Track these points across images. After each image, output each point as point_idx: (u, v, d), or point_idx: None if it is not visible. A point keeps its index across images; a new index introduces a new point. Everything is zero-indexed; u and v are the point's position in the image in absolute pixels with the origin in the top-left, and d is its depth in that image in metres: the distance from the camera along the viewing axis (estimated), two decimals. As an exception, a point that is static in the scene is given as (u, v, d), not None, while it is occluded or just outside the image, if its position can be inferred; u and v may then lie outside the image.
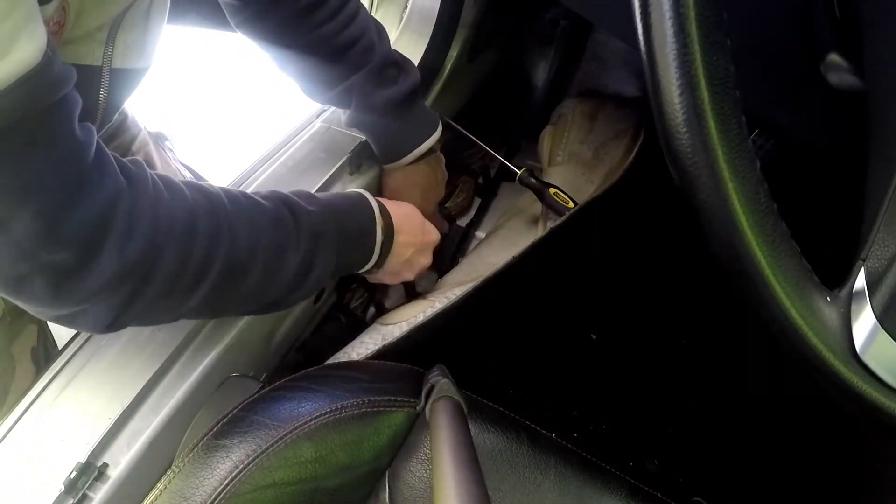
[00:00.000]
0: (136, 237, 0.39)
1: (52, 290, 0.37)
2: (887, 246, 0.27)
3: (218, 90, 1.55)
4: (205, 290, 0.44)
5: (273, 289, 0.49)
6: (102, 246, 0.38)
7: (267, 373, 0.62)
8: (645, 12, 0.27)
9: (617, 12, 0.57)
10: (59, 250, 0.36)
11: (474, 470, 0.35)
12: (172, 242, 0.41)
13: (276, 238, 0.48)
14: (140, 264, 0.40)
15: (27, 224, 0.35)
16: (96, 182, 0.38)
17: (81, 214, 0.36)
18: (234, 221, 0.45)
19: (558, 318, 0.90)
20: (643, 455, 0.80)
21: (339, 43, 0.62)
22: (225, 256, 0.44)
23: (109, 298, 0.40)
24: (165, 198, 0.42)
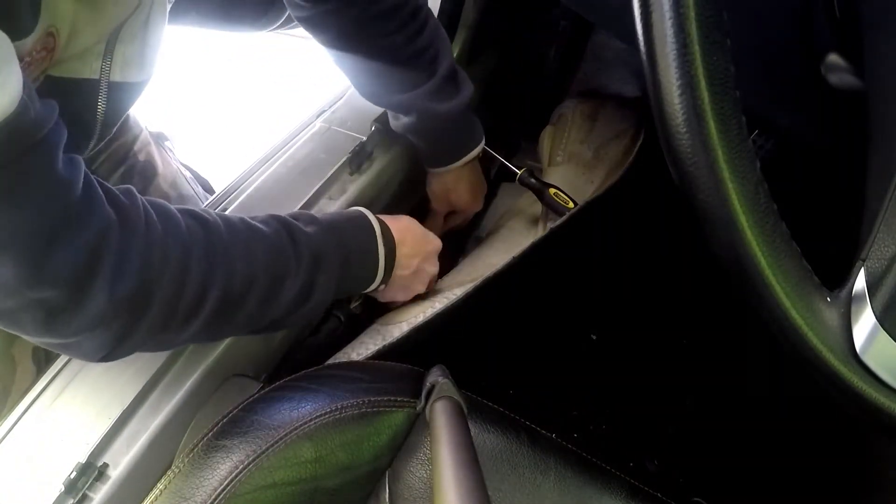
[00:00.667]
0: (127, 275, 0.38)
1: (42, 326, 0.37)
2: (887, 246, 0.27)
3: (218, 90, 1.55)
4: (200, 321, 0.43)
5: (271, 313, 0.48)
6: (91, 284, 0.37)
7: (267, 373, 0.62)
8: (645, 12, 0.27)
9: (617, 12, 0.57)
10: (45, 289, 0.36)
11: (474, 470, 0.35)
12: (165, 278, 0.40)
13: (274, 265, 0.47)
14: (131, 302, 0.39)
15: (10, 267, 0.34)
16: (83, 219, 0.37)
17: (67, 254, 0.36)
18: (231, 251, 0.45)
19: (558, 318, 0.90)
20: (643, 455, 0.80)
21: (408, 52, 0.63)
22: (221, 288, 0.43)
23: (101, 334, 0.39)
24: (158, 231, 0.41)
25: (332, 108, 0.78)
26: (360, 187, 0.69)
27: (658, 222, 0.91)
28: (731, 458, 0.79)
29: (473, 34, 0.84)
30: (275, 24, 0.89)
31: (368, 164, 0.71)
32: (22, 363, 0.61)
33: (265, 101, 1.48)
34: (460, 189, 0.77)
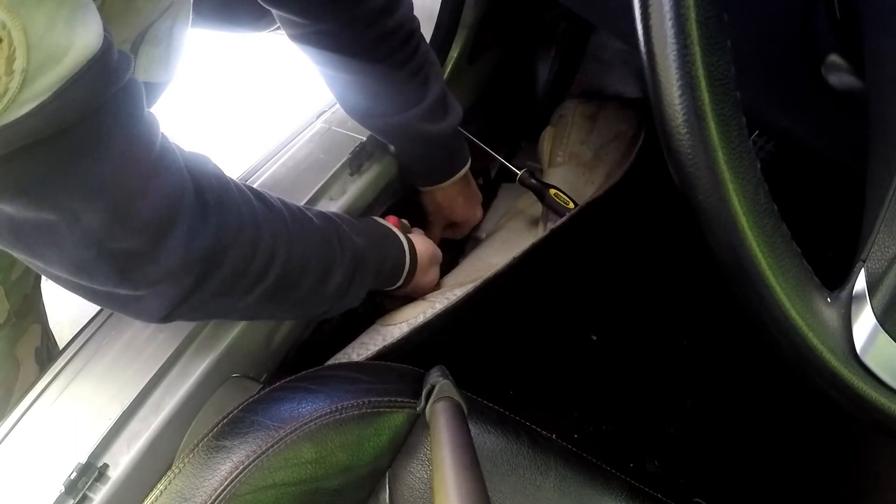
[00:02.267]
0: (204, 232, 0.40)
1: (117, 276, 0.38)
2: (888, 247, 0.27)
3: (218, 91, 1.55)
4: (258, 293, 0.45)
5: (314, 302, 0.51)
6: (170, 236, 0.38)
7: (267, 373, 0.62)
8: (645, 13, 0.27)
9: (617, 13, 0.57)
10: (127, 239, 0.36)
11: (475, 471, 0.35)
12: (239, 242, 0.42)
13: (325, 256, 0.50)
14: (205, 259, 0.40)
15: (99, 215, 0.35)
16: (164, 173, 0.38)
17: (150, 205, 0.36)
18: (292, 233, 0.47)
19: (558, 319, 0.90)
20: (644, 456, 0.80)
21: (400, 76, 0.63)
22: (282, 265, 0.45)
23: (171, 288, 0.40)
24: (234, 199, 0.43)
25: (333, 108, 0.78)
26: (360, 187, 0.69)
27: (658, 223, 0.91)
28: (731, 458, 0.79)
29: (474, 35, 0.84)
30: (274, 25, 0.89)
31: (368, 165, 0.71)
32: (25, 363, 0.61)
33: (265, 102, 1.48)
34: (455, 204, 0.78)
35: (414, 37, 0.63)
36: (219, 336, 0.54)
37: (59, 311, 0.68)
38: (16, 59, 0.27)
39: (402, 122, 0.66)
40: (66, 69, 0.30)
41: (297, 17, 0.59)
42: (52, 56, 0.29)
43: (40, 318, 0.65)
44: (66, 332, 0.66)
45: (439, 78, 0.68)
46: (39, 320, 0.64)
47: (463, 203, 0.79)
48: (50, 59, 0.29)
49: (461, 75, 0.87)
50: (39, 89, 0.29)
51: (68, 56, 0.30)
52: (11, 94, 0.28)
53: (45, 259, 0.37)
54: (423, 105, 0.65)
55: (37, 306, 0.64)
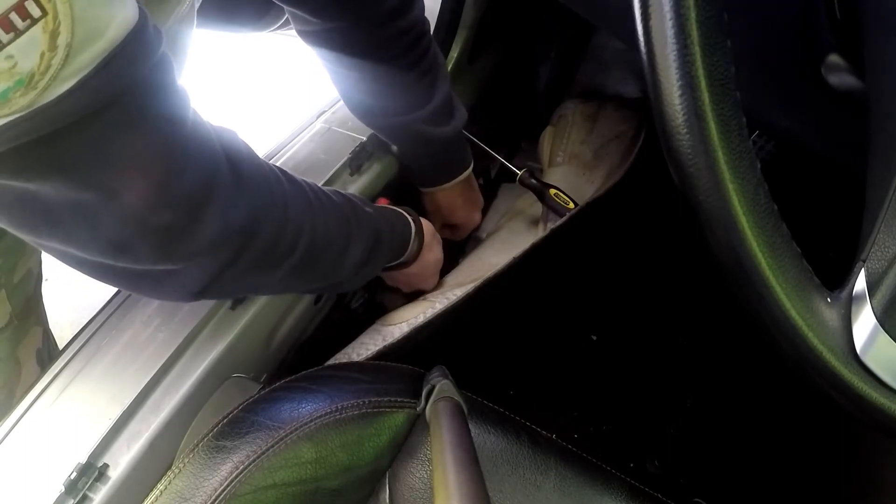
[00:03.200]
0: (239, 206, 0.40)
1: (156, 251, 0.38)
2: (888, 247, 0.27)
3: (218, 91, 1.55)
4: (287, 267, 0.46)
5: (337, 274, 0.52)
6: (207, 210, 0.38)
7: (267, 373, 0.62)
8: (645, 13, 0.27)
9: (617, 13, 0.57)
10: (166, 213, 0.36)
11: (475, 471, 0.35)
12: (270, 217, 0.43)
13: (345, 230, 0.52)
14: (241, 232, 0.41)
15: (137, 190, 0.34)
16: (199, 148, 0.38)
17: (187, 179, 0.36)
18: (315, 207, 0.49)
19: (558, 319, 0.90)
20: (644, 456, 0.80)
21: (409, 77, 0.63)
22: (308, 240, 0.46)
23: (209, 262, 0.40)
24: (264, 173, 0.44)
25: (333, 108, 0.78)
26: (360, 188, 0.69)
27: (658, 223, 0.91)
28: (731, 458, 0.79)
29: (473, 34, 0.84)
30: (275, 25, 0.89)
31: (369, 165, 0.71)
32: (27, 364, 0.61)
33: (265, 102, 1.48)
34: (455, 206, 0.78)
35: (425, 38, 0.63)
36: (219, 336, 0.54)
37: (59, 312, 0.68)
38: (60, 33, 0.27)
39: (405, 123, 0.66)
40: (108, 42, 0.29)
41: (311, 15, 0.58)
42: (95, 29, 0.28)
43: (41, 321, 0.65)
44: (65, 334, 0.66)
45: (446, 80, 0.68)
46: (40, 322, 0.64)
47: (462, 205, 0.79)
48: (93, 33, 0.28)
49: (461, 75, 0.87)
50: (81, 64, 0.28)
51: (110, 29, 0.29)
52: (54, 71, 0.27)
53: (80, 242, 0.37)
54: (428, 108, 0.65)
55: (38, 308, 0.64)
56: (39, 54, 0.26)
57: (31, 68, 0.27)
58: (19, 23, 0.25)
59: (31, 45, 0.26)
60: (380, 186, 0.73)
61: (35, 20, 0.26)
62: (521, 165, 0.81)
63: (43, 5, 0.26)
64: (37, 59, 0.26)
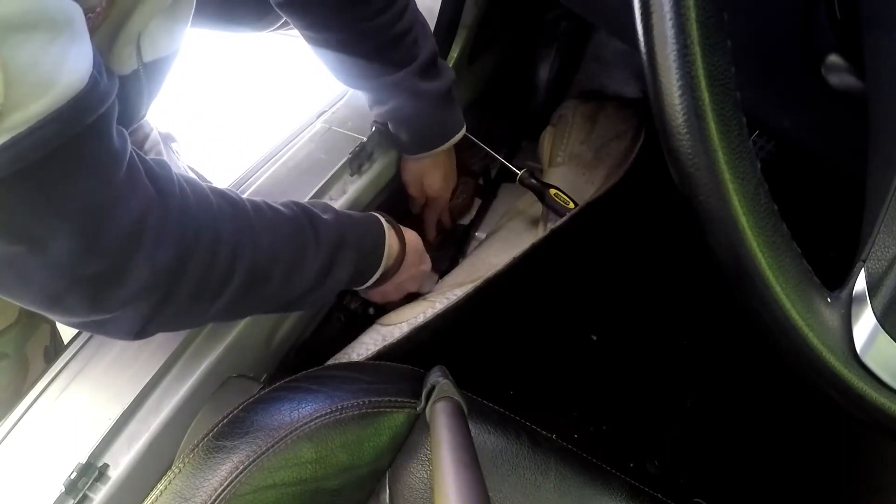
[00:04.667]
0: (166, 245, 0.39)
1: (87, 302, 0.38)
2: (888, 247, 0.27)
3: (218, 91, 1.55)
4: (229, 294, 0.45)
5: (292, 291, 0.51)
6: (135, 255, 0.38)
7: (267, 373, 0.62)
8: (645, 13, 0.27)
9: (617, 13, 0.57)
10: (95, 264, 0.36)
11: (475, 471, 0.35)
12: (199, 249, 0.42)
13: (296, 244, 0.50)
14: (170, 271, 0.40)
15: (66, 241, 0.34)
16: (129, 193, 0.37)
17: (116, 227, 0.36)
18: (257, 228, 0.47)
19: (558, 319, 0.90)
20: (644, 456, 0.80)
21: (392, 34, 0.63)
22: (248, 262, 0.45)
23: (140, 306, 0.40)
24: (192, 204, 0.42)
25: (333, 108, 0.78)
26: (360, 188, 0.69)
27: (658, 223, 0.91)
28: (731, 458, 0.79)
29: (473, 34, 0.84)
30: (275, 24, 0.89)
31: (369, 165, 0.71)
32: (34, 362, 0.61)
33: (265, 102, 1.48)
34: (435, 174, 0.77)
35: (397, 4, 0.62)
36: (219, 336, 0.54)
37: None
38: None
39: (397, 80, 0.65)
40: (44, 107, 0.29)
41: None
42: (31, 93, 0.29)
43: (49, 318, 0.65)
44: (66, 332, 0.66)
45: (430, 38, 0.68)
46: (49, 320, 0.64)
47: (442, 175, 0.78)
48: (28, 96, 0.29)
49: (461, 75, 0.87)
50: (14, 123, 0.29)
51: (50, 94, 0.29)
52: None
53: (16, 295, 0.37)
54: (417, 62, 0.65)
55: None
56: None
57: None
58: None
59: None
60: (380, 186, 0.73)
61: None
62: (521, 165, 0.81)
63: None
64: None
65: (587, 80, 1.06)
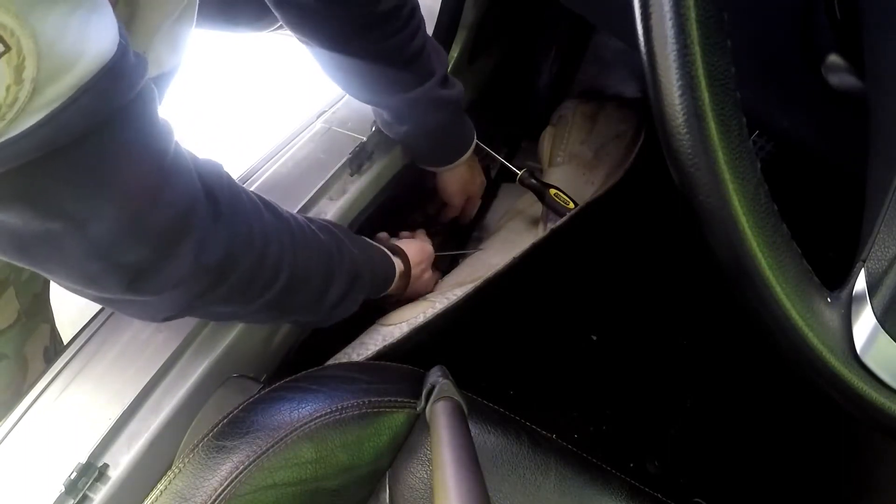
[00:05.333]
0: (216, 243, 0.40)
1: (124, 286, 0.38)
2: (888, 247, 0.27)
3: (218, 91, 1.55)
4: (262, 302, 0.46)
5: (312, 311, 0.52)
6: (180, 246, 0.38)
7: (267, 373, 0.62)
8: (645, 13, 0.27)
9: (617, 13, 0.57)
10: (135, 250, 0.36)
11: (475, 471, 0.35)
12: (249, 254, 0.42)
13: (326, 268, 0.51)
14: (215, 269, 0.40)
15: (107, 224, 0.34)
16: (176, 182, 0.37)
17: (162, 214, 0.36)
18: (298, 242, 0.48)
19: (559, 319, 0.90)
20: (644, 456, 0.80)
21: (412, 50, 0.63)
22: (287, 275, 0.46)
23: (180, 294, 0.40)
24: (245, 203, 0.43)
25: (333, 108, 0.78)
26: (360, 188, 0.69)
27: (658, 223, 0.91)
28: (731, 458, 0.79)
29: (473, 34, 0.84)
30: (275, 24, 0.89)
31: (369, 165, 0.71)
32: (34, 362, 0.61)
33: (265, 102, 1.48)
34: (475, 177, 0.81)
35: (417, 12, 0.63)
36: (219, 336, 0.54)
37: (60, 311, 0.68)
38: (25, 67, 0.27)
39: (421, 93, 0.66)
40: (76, 78, 0.29)
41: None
42: (62, 64, 0.28)
43: (49, 318, 0.65)
44: (66, 333, 0.66)
45: (442, 53, 0.69)
46: (48, 320, 0.64)
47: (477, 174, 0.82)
48: (60, 68, 0.28)
49: (461, 75, 0.86)
50: (50, 97, 0.28)
51: (80, 64, 0.29)
52: (21, 104, 0.27)
53: (51, 271, 0.37)
54: (437, 76, 0.67)
55: (46, 306, 0.64)
56: (5, 87, 0.27)
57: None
58: None
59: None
60: (380, 186, 0.73)
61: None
62: (521, 165, 0.81)
63: (6, 41, 0.26)
64: (3, 92, 0.27)
65: (587, 80, 1.06)
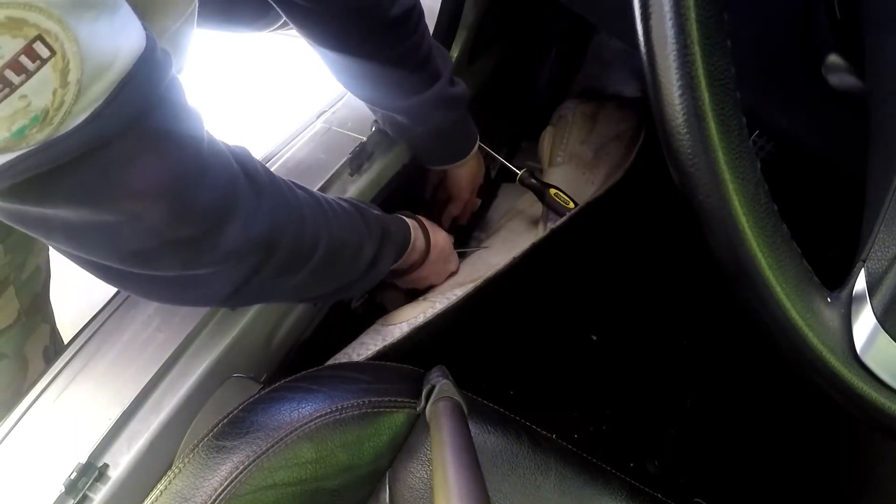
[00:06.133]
0: (262, 215, 0.42)
1: (178, 261, 0.39)
2: (888, 247, 0.27)
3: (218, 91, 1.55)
4: (307, 270, 0.48)
5: (350, 274, 0.55)
6: (229, 221, 0.39)
7: (267, 373, 0.62)
8: (645, 13, 0.27)
9: (617, 13, 0.57)
10: (188, 228, 0.37)
11: (475, 471, 0.35)
12: (291, 226, 0.45)
13: (357, 233, 0.54)
14: (264, 241, 0.43)
15: (159, 211, 0.35)
16: (216, 160, 0.39)
17: (207, 195, 0.38)
18: (328, 213, 0.51)
19: (559, 319, 0.90)
20: (644, 456, 0.80)
21: (421, 55, 0.64)
22: (327, 240, 0.49)
23: (233, 269, 0.42)
24: (280, 183, 0.46)
25: (333, 108, 0.78)
26: (360, 188, 0.69)
27: (658, 223, 0.91)
28: (731, 458, 0.79)
29: (473, 34, 0.84)
30: (275, 24, 0.89)
31: (369, 165, 0.71)
32: (33, 362, 0.61)
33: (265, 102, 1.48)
34: (481, 168, 0.82)
35: (423, 16, 0.64)
36: (219, 336, 0.54)
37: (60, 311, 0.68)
38: (70, 70, 0.28)
39: (435, 94, 0.67)
40: (116, 73, 0.30)
41: None
42: (103, 63, 0.29)
43: (49, 318, 0.65)
44: (66, 333, 0.66)
45: (442, 51, 0.69)
46: (48, 320, 0.64)
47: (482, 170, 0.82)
48: (101, 66, 0.29)
49: (461, 75, 0.86)
50: (93, 96, 0.29)
51: (118, 60, 0.30)
52: (67, 106, 0.28)
53: (101, 254, 0.38)
54: (445, 76, 0.67)
55: (46, 306, 0.64)
56: (52, 91, 0.28)
57: (45, 105, 0.28)
58: (29, 65, 0.26)
59: (42, 84, 0.27)
60: (380, 186, 0.73)
61: (44, 60, 0.27)
62: (521, 165, 0.81)
63: (51, 45, 0.27)
64: (50, 97, 0.28)
65: (587, 80, 1.06)
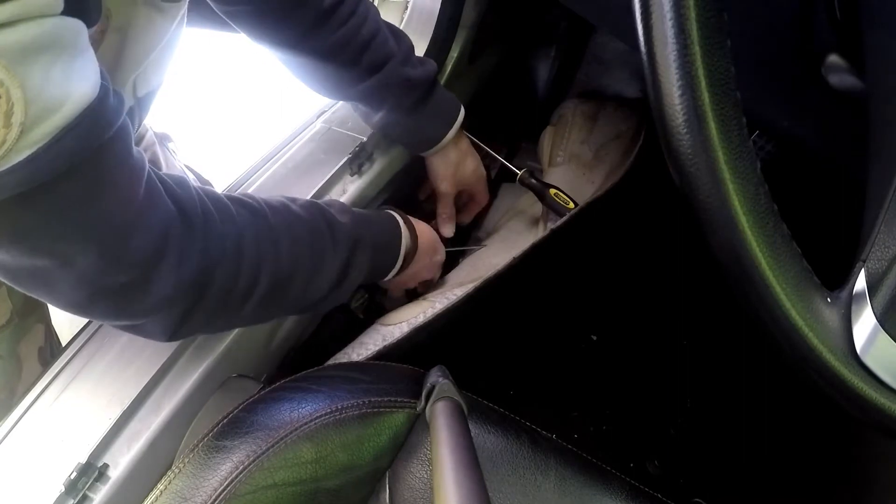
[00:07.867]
0: (191, 260, 0.41)
1: (114, 311, 0.40)
2: (888, 247, 0.27)
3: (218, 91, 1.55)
4: (255, 301, 0.46)
5: (313, 294, 0.52)
6: (158, 269, 0.39)
7: (267, 373, 0.62)
8: (645, 13, 0.27)
9: (617, 13, 0.57)
10: (120, 276, 0.38)
11: (475, 471, 0.35)
12: (223, 263, 0.43)
13: (315, 249, 0.51)
14: (194, 284, 0.42)
15: (89, 257, 0.36)
16: (151, 209, 0.39)
17: (139, 243, 0.38)
18: (278, 235, 0.48)
19: (559, 319, 0.90)
20: (644, 456, 0.80)
21: (360, 41, 0.62)
22: (271, 270, 0.47)
23: (167, 316, 0.42)
24: (214, 218, 0.44)
25: (333, 108, 0.78)
26: (360, 188, 0.69)
27: (658, 223, 0.91)
28: (731, 458, 0.79)
29: (474, 35, 0.84)
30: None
31: (369, 165, 0.71)
32: (28, 362, 0.61)
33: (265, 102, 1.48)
34: (467, 162, 0.77)
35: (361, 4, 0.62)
36: (219, 336, 0.54)
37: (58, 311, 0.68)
38: (14, 113, 0.28)
39: (386, 75, 0.64)
40: (62, 119, 0.31)
41: None
42: (48, 108, 0.30)
43: (44, 318, 0.65)
44: (65, 332, 0.66)
45: (404, 37, 0.67)
46: (43, 320, 0.64)
47: (474, 166, 0.78)
48: (46, 111, 0.30)
49: (461, 75, 0.87)
50: (36, 138, 0.30)
51: (65, 106, 0.31)
52: (9, 145, 0.29)
53: (46, 300, 0.39)
54: (398, 57, 0.65)
55: (40, 306, 0.64)
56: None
57: None
58: None
59: None
60: (380, 186, 0.73)
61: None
62: (521, 165, 0.81)
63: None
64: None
65: (587, 80, 1.06)
